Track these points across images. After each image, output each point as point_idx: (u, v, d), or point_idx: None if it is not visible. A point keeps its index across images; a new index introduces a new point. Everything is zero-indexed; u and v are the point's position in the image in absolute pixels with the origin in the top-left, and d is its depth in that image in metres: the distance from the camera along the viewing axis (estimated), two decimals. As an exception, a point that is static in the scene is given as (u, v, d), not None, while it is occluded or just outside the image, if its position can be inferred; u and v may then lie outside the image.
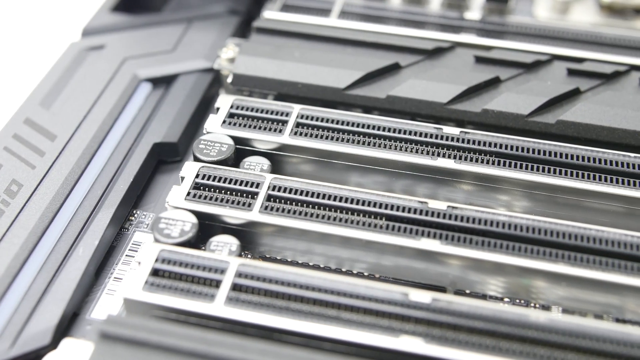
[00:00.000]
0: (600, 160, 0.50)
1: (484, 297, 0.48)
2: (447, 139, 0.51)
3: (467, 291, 0.48)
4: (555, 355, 0.40)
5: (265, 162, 0.51)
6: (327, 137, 0.52)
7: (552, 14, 0.68)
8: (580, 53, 0.59)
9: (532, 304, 0.47)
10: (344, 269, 0.49)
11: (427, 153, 0.51)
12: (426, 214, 0.47)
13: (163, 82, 0.60)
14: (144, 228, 0.52)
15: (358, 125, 0.52)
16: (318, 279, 0.43)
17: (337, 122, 0.53)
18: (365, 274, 0.49)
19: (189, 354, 0.39)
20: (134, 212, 0.53)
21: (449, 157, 0.51)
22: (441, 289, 0.48)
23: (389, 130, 0.52)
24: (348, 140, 0.52)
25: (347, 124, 0.52)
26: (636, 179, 0.49)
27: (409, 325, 0.42)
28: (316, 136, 0.52)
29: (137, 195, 0.53)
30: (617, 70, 0.56)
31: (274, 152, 0.52)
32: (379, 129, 0.52)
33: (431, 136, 0.52)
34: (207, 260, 0.44)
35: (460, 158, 0.51)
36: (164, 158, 0.56)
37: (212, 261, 0.44)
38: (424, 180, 0.51)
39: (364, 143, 0.52)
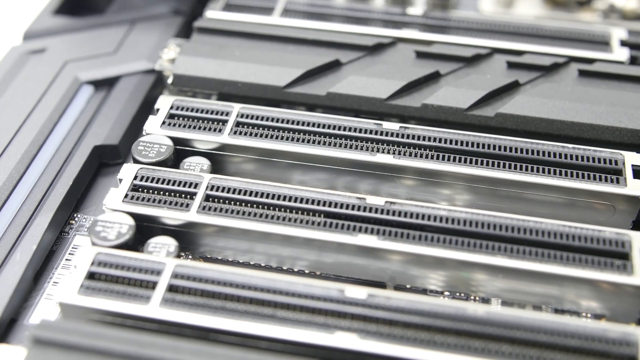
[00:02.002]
0: (538, 152, 0.50)
1: (424, 291, 0.48)
2: (386, 135, 0.51)
3: (408, 286, 0.48)
4: (490, 347, 0.41)
5: (205, 162, 0.51)
6: (267, 136, 0.52)
7: (497, 8, 0.68)
8: (521, 46, 0.59)
9: (472, 297, 0.47)
10: (285, 267, 0.49)
11: (367, 149, 0.51)
12: (364, 210, 0.47)
13: (105, 85, 0.59)
14: (84, 232, 0.51)
15: (298, 123, 0.52)
16: (254, 278, 0.43)
17: (278, 121, 0.52)
18: (306, 271, 0.49)
19: (121, 356, 0.39)
20: (75, 215, 0.52)
21: (388, 152, 0.51)
22: (381, 285, 0.48)
23: (329, 128, 0.52)
24: (289, 139, 0.52)
25: (288, 122, 0.52)
26: (574, 170, 0.50)
27: (344, 321, 0.42)
28: (256, 135, 0.52)
29: (77, 199, 0.53)
30: (556, 62, 0.56)
31: (215, 152, 0.52)
32: (319, 126, 0.52)
33: (371, 132, 0.52)
34: (143, 262, 0.44)
35: (399, 153, 0.51)
36: (105, 160, 0.55)
37: (148, 263, 0.44)
38: (366, 176, 0.51)
39: (305, 141, 0.52)
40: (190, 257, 0.49)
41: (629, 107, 0.53)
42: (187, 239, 0.48)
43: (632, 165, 0.49)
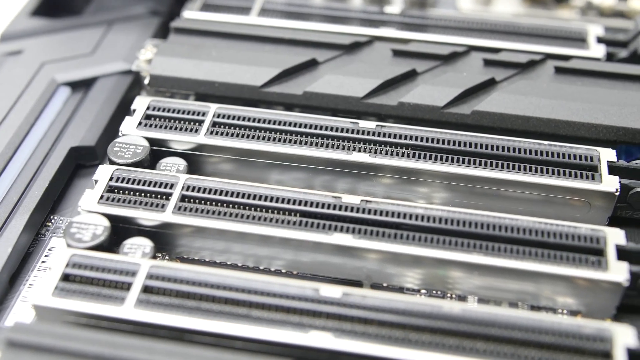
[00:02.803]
0: (515, 149, 0.50)
1: (401, 289, 0.48)
2: (363, 133, 0.51)
3: (385, 284, 0.48)
4: (464, 344, 0.41)
5: (181, 163, 0.51)
6: (244, 136, 0.52)
7: (475, 6, 0.69)
8: (497, 44, 0.59)
9: (449, 295, 0.47)
10: (261, 267, 0.49)
11: (344, 148, 0.51)
12: (339, 209, 0.47)
13: (82, 86, 0.59)
14: (60, 233, 0.51)
15: (275, 123, 0.52)
16: (229, 278, 0.43)
17: (254, 120, 0.52)
18: (283, 271, 0.49)
19: (94, 357, 0.39)
20: (51, 217, 0.52)
21: (365, 151, 0.51)
22: (358, 284, 0.48)
23: (306, 127, 0.52)
24: (265, 138, 0.52)
25: (264, 122, 0.52)
26: (550, 167, 0.50)
27: (319, 320, 0.42)
28: (233, 135, 0.52)
29: (54, 201, 0.53)
30: (533, 59, 0.56)
31: (192, 152, 0.52)
32: (296, 125, 0.52)
33: (347, 131, 0.51)
34: (118, 264, 0.44)
35: (376, 152, 0.51)
36: (82, 162, 0.55)
37: (123, 264, 0.44)
38: (343, 175, 0.51)
39: (281, 140, 0.51)
40: (166, 257, 0.49)
41: (605, 104, 0.53)
42: (163, 240, 0.48)
43: (608, 161, 0.50)
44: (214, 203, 0.48)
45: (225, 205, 0.48)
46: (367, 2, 0.66)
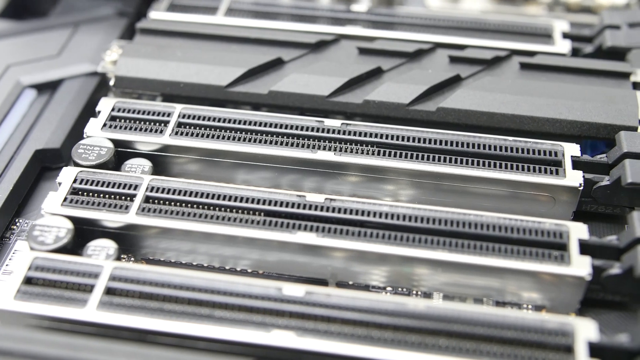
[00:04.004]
0: (480, 145, 0.51)
1: (366, 287, 0.48)
2: (328, 132, 0.51)
3: (351, 282, 0.48)
4: (427, 341, 0.41)
5: (146, 164, 0.51)
6: (210, 136, 0.52)
7: (444, 3, 0.69)
8: (464, 40, 0.59)
9: (415, 292, 0.47)
10: (227, 267, 0.49)
11: (309, 147, 0.51)
12: (304, 208, 0.47)
13: (48, 88, 0.59)
14: (25, 237, 0.51)
15: (241, 122, 0.52)
16: (192, 279, 0.43)
17: (220, 120, 0.52)
18: (249, 270, 0.48)
19: (55, 361, 0.39)
20: (16, 220, 0.52)
21: (330, 149, 0.50)
22: (324, 282, 0.48)
23: (271, 126, 0.52)
24: (231, 138, 0.51)
25: (230, 122, 0.52)
26: (516, 162, 0.50)
27: (282, 319, 0.42)
28: (199, 135, 0.52)
29: (18, 204, 0.52)
30: (498, 55, 0.56)
31: (157, 153, 0.52)
32: (262, 125, 0.52)
33: (313, 129, 0.51)
34: (81, 266, 0.44)
35: (341, 150, 0.50)
36: (48, 164, 0.55)
37: (85, 266, 0.44)
38: (309, 174, 0.51)
39: (247, 140, 0.51)
40: (132, 259, 0.49)
41: (569, 99, 0.53)
42: (128, 242, 0.48)
43: (572, 156, 0.50)
44: (178, 204, 0.48)
45: (189, 205, 0.48)
46: (334, 1, 0.66)
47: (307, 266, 0.47)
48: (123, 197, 0.48)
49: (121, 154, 0.52)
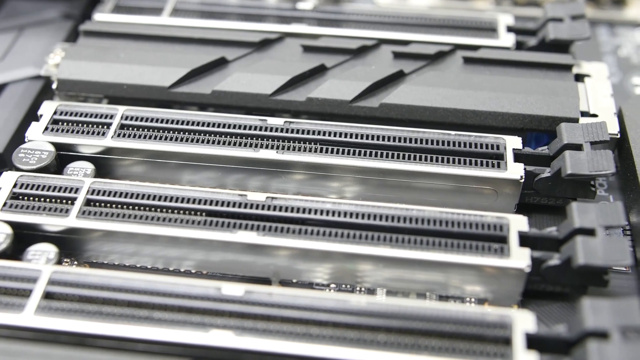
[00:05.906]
0: (423, 140, 0.51)
1: (310, 285, 0.48)
2: (271, 130, 0.51)
3: (294, 280, 0.48)
4: (365, 336, 0.41)
5: (89, 167, 0.51)
6: (153, 137, 0.51)
7: (393, 0, 0.69)
8: (409, 36, 0.59)
9: (358, 289, 0.47)
10: (171, 269, 0.48)
11: (253, 146, 0.51)
12: (245, 207, 0.47)
13: (-9, 93, 0.58)
14: (-33, 243, 0.50)
15: (184, 123, 0.52)
16: (132, 281, 0.43)
17: (163, 121, 0.52)
18: (193, 271, 0.48)
19: (-11, 367, 0.38)
20: (-42, 227, 0.51)
21: (272, 148, 0.50)
22: (268, 281, 0.48)
23: (214, 126, 0.52)
24: (174, 139, 0.51)
25: (173, 122, 0.52)
26: (459, 156, 0.50)
27: (221, 319, 0.41)
28: (141, 137, 0.51)
29: (-40, 210, 0.52)
30: (441, 50, 0.56)
31: (100, 156, 0.51)
32: (205, 125, 0.52)
33: (255, 128, 0.51)
34: (19, 271, 0.43)
35: (284, 148, 0.50)
36: (-9, 169, 0.54)
37: (23, 271, 0.43)
38: (254, 173, 0.51)
39: (191, 140, 0.51)
40: (75, 263, 0.48)
41: (511, 92, 0.53)
42: (70, 245, 0.47)
43: (513, 149, 0.50)
44: (120, 206, 0.47)
45: (131, 207, 0.47)
46: (281, -1, 0.66)
47: (250, 265, 0.47)
48: (64, 201, 0.48)
49: (64, 157, 0.51)
